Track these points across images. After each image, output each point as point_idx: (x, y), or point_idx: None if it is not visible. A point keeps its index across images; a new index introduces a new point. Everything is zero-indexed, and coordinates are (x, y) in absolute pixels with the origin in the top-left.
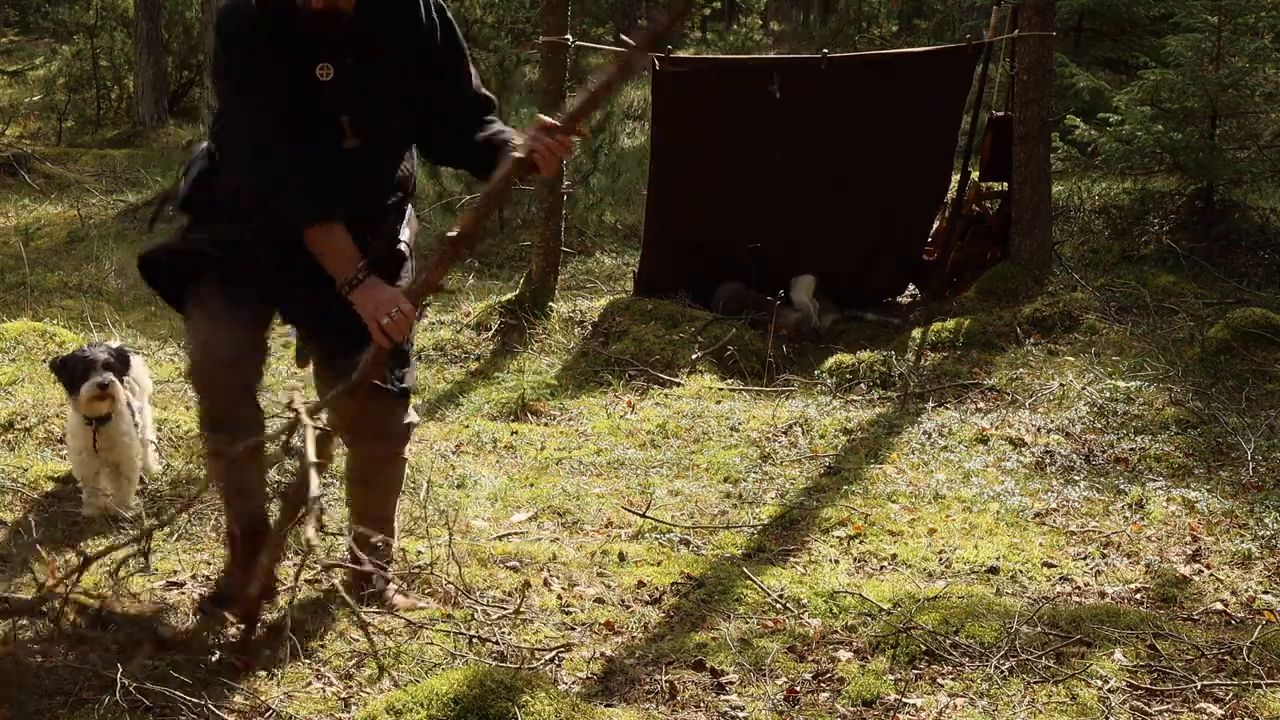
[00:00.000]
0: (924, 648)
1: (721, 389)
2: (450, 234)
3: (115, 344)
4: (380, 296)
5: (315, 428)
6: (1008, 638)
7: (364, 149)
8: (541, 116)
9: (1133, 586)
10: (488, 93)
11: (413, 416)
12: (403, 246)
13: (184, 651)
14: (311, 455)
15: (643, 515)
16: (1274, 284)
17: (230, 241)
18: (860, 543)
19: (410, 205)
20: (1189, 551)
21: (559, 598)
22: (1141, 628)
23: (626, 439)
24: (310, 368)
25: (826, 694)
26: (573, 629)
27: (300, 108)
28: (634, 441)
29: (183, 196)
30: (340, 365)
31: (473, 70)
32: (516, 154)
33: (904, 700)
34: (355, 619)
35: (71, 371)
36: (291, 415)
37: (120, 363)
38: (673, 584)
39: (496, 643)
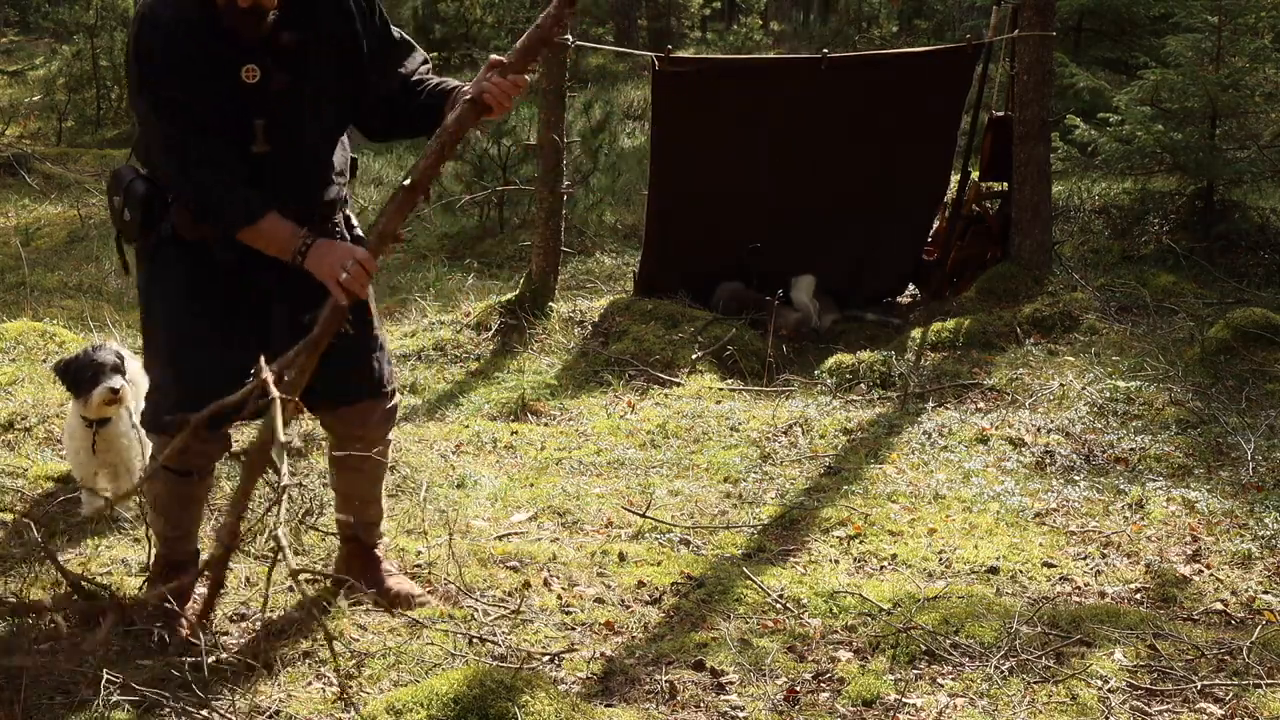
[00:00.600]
0: (924, 648)
1: (721, 389)
2: (405, 182)
3: (113, 345)
4: (334, 255)
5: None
6: (1008, 638)
7: (272, 155)
8: (493, 56)
9: (1133, 586)
10: (422, 53)
11: (395, 399)
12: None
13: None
14: (280, 434)
15: (643, 515)
16: (1274, 284)
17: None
18: (860, 543)
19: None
20: (1189, 551)
21: (559, 598)
22: (1141, 628)
23: (626, 439)
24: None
25: (826, 694)
26: (573, 629)
27: (217, 111)
28: (634, 441)
29: (139, 227)
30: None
31: (401, 40)
32: (467, 96)
33: (904, 700)
34: (349, 617)
35: (79, 375)
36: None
37: (122, 365)
38: (673, 584)
39: (497, 642)
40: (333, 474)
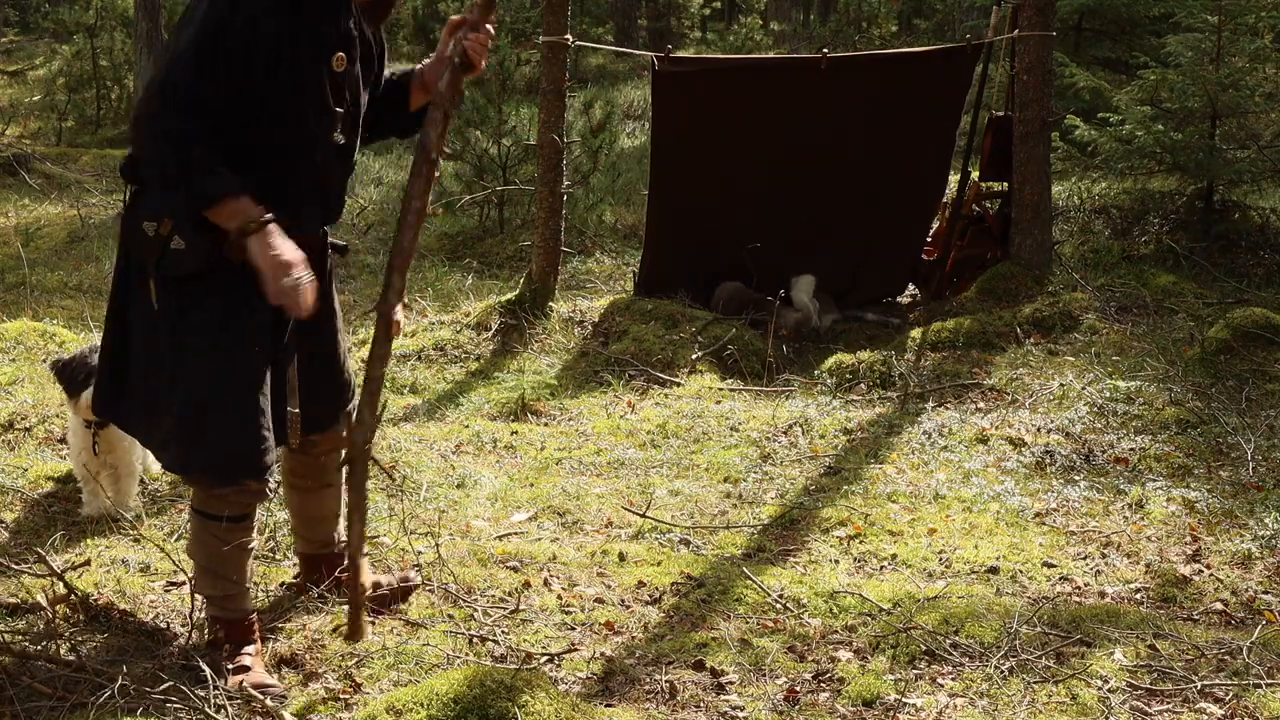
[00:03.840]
0: (924, 648)
1: (721, 389)
2: (430, 155)
3: None
4: (281, 253)
5: None
6: (1008, 638)
7: (346, 145)
8: (453, 17)
9: (1133, 586)
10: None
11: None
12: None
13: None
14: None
15: (643, 515)
16: (1274, 284)
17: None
18: (860, 543)
19: None
20: (1189, 551)
21: (559, 598)
22: (1141, 628)
23: (626, 439)
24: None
25: (826, 694)
26: (573, 629)
27: (304, 91)
28: (634, 441)
29: (201, 257)
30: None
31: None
32: (456, 59)
33: (904, 700)
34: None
35: (73, 375)
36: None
37: None
38: (673, 584)
39: (497, 642)
40: (299, 498)
